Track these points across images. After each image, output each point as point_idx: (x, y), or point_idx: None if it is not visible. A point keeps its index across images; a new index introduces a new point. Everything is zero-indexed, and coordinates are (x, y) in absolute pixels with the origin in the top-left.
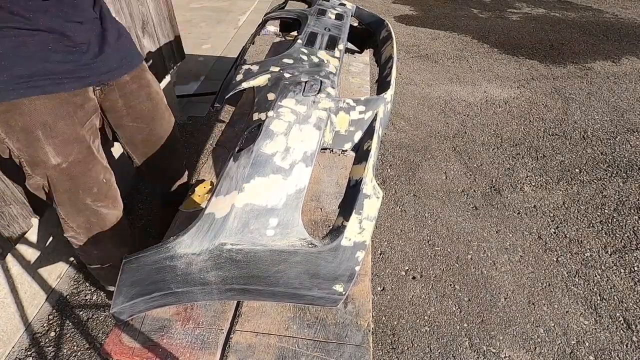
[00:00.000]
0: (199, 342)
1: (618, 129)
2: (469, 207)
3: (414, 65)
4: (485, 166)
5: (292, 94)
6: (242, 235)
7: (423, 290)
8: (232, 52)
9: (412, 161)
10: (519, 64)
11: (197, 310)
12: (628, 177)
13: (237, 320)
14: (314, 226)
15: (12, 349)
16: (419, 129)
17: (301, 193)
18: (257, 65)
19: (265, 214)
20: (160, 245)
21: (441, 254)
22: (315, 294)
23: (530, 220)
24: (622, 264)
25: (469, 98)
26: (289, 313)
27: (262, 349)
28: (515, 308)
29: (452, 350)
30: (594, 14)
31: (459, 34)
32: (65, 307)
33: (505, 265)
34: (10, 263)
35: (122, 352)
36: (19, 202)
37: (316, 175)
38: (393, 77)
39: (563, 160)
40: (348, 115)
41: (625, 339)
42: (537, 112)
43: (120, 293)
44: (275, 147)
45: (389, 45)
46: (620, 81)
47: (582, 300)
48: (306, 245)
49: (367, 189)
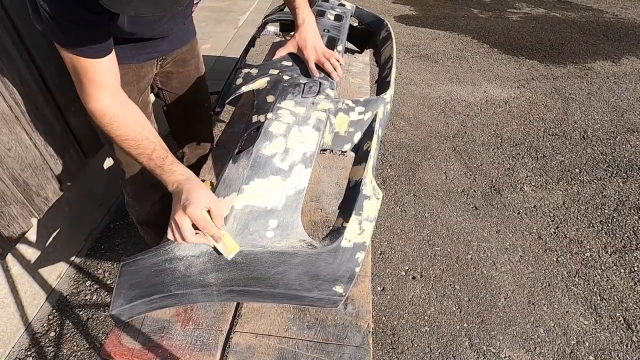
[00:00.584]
0: (199, 343)
1: (618, 129)
2: (469, 207)
3: (414, 65)
4: (485, 166)
5: (291, 95)
6: (241, 237)
7: (423, 290)
8: (232, 52)
9: (412, 161)
10: (519, 64)
11: (197, 312)
12: (628, 177)
13: (237, 321)
14: (314, 227)
15: (12, 349)
16: (419, 129)
17: (301, 194)
18: (256, 69)
19: (264, 215)
20: (159, 247)
21: (441, 254)
22: (315, 295)
23: (530, 220)
24: (622, 264)
25: (469, 98)
26: (289, 314)
27: (262, 350)
28: (515, 308)
29: (452, 350)
30: (594, 14)
31: (459, 34)
32: (65, 307)
33: (505, 265)
34: (10, 263)
35: (122, 353)
36: (19, 202)
37: (316, 176)
38: (392, 78)
39: (563, 160)
40: (347, 116)
41: (625, 339)
42: (537, 112)
43: (119, 295)
44: (275, 149)
45: (388, 45)
46: (620, 81)
47: (582, 300)
48: (306, 247)
49: (367, 189)
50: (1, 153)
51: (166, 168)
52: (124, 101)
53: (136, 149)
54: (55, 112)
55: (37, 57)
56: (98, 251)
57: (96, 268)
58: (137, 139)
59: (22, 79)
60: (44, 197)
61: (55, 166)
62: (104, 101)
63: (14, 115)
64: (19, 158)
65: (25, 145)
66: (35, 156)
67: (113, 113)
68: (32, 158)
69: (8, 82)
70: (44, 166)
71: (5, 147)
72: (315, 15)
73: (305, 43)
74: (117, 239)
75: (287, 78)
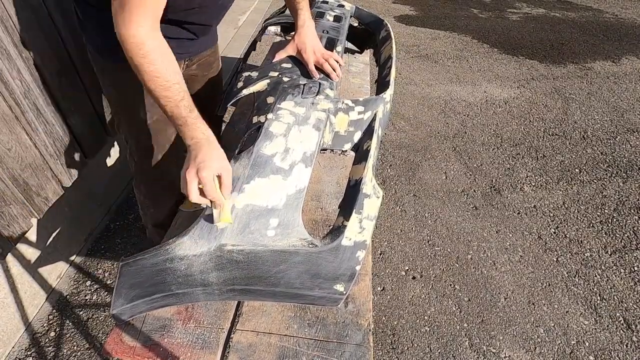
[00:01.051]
0: (200, 341)
1: (618, 129)
2: (469, 207)
3: (414, 65)
4: (485, 166)
5: (290, 96)
6: (242, 236)
7: (423, 290)
8: (232, 52)
9: (412, 161)
10: (519, 64)
11: (198, 310)
12: (628, 177)
13: (238, 319)
14: (315, 226)
15: (12, 349)
16: (419, 129)
17: (301, 193)
18: (256, 72)
19: (265, 214)
20: (160, 247)
21: (441, 254)
22: (316, 293)
23: (530, 220)
24: (622, 264)
25: (469, 98)
26: (290, 312)
27: (263, 348)
28: (515, 308)
29: (452, 350)
30: (594, 14)
31: (459, 34)
32: (65, 307)
33: (505, 265)
34: (10, 263)
35: (123, 351)
36: (19, 202)
37: (316, 175)
38: (392, 77)
39: (563, 160)
40: (347, 116)
41: (625, 339)
42: (537, 112)
43: (120, 295)
44: (275, 148)
45: (388, 45)
46: (620, 81)
47: (582, 300)
48: (307, 245)
49: (367, 188)
50: (1, 153)
51: (190, 121)
52: (162, 40)
53: (166, 90)
54: (55, 112)
55: (37, 57)
56: (98, 251)
57: (96, 268)
58: (169, 80)
59: (22, 79)
60: (44, 197)
61: (55, 166)
62: (144, 28)
63: (14, 115)
64: (19, 158)
65: (25, 145)
66: (35, 156)
67: (151, 46)
68: (32, 158)
69: (8, 82)
70: (44, 166)
71: (5, 147)
72: (315, 16)
73: (304, 46)
74: (117, 239)
75: (287, 80)
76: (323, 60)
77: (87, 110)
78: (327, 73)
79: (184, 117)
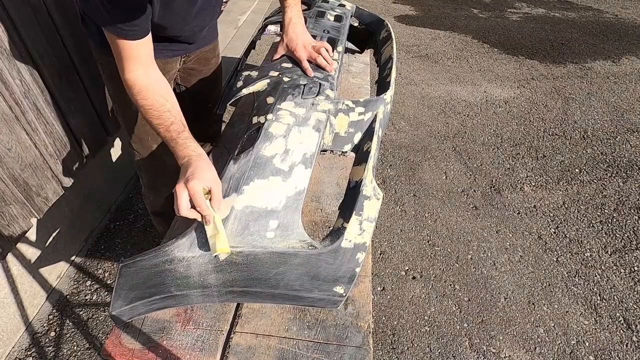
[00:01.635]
0: (199, 343)
1: (618, 129)
2: (469, 207)
3: (414, 65)
4: (485, 166)
5: (290, 97)
6: (242, 238)
7: (423, 290)
8: (232, 52)
9: (412, 161)
10: (519, 64)
11: (197, 312)
12: (628, 177)
13: (237, 321)
14: (314, 227)
15: (12, 349)
16: (419, 129)
17: (301, 195)
18: (256, 71)
19: (265, 216)
20: (159, 248)
21: (441, 254)
22: (315, 295)
23: (530, 220)
24: (622, 264)
25: (469, 98)
26: (289, 314)
27: (262, 350)
28: (515, 308)
29: (452, 350)
30: (594, 14)
31: (459, 34)
32: (65, 307)
33: (505, 265)
34: (10, 263)
35: (122, 353)
36: (19, 202)
37: (316, 176)
38: (393, 78)
39: (563, 160)
40: (347, 117)
41: (625, 339)
42: (537, 112)
43: (118, 296)
44: (275, 150)
45: (388, 45)
46: (620, 81)
47: (582, 300)
48: (306, 247)
49: (367, 190)
50: (1, 153)
51: (180, 141)
52: (154, 75)
53: (157, 119)
54: (56, 112)
55: (37, 57)
56: (98, 251)
57: (96, 268)
58: (159, 110)
59: (22, 79)
60: (44, 197)
61: (55, 166)
62: (136, 73)
63: (14, 115)
64: (19, 158)
65: (25, 145)
66: (35, 156)
67: (142, 84)
68: (32, 158)
69: (8, 82)
70: (44, 166)
71: (5, 147)
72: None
73: (293, 44)
74: (117, 239)
75: (287, 80)
76: (316, 55)
77: (87, 110)
78: (322, 67)
79: (174, 138)
